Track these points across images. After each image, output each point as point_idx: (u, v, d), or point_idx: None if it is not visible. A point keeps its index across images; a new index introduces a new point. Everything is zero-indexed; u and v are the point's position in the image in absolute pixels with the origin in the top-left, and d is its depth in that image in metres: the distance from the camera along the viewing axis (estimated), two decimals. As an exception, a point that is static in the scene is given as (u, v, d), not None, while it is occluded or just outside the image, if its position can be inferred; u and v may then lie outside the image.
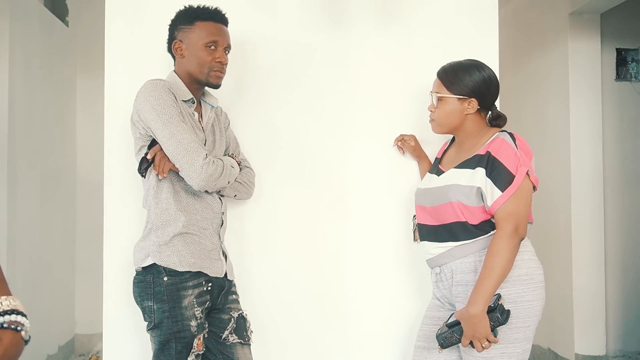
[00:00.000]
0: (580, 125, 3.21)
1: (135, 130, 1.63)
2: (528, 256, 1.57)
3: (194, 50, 1.64)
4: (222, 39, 1.66)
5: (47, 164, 3.20)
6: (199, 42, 1.63)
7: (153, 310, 1.57)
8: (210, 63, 1.64)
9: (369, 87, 2.03)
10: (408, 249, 1.99)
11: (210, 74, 1.65)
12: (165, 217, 1.61)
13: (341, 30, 2.03)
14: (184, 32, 1.65)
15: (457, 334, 1.52)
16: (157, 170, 1.58)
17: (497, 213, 1.52)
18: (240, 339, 1.69)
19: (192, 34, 1.64)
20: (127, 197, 1.91)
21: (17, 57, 2.79)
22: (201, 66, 1.64)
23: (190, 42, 1.64)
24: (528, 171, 1.52)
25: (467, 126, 1.66)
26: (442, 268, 1.64)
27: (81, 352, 3.65)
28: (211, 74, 1.65)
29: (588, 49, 3.23)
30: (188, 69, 1.66)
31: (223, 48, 1.66)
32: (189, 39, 1.64)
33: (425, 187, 1.72)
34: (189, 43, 1.64)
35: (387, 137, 2.01)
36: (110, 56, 1.95)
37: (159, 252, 1.58)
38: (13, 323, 0.90)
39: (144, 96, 1.56)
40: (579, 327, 3.16)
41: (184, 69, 1.67)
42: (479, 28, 2.04)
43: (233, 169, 1.68)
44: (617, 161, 3.32)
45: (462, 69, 1.64)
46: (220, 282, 1.68)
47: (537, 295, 1.54)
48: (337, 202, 2.01)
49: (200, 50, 1.63)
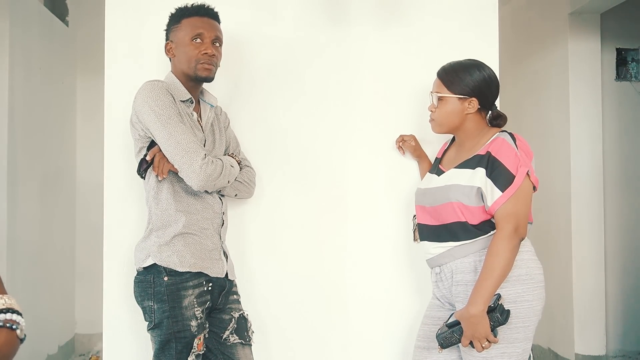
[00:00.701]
0: (580, 125, 3.21)
1: (134, 132, 1.63)
2: (528, 256, 1.57)
3: (182, 47, 1.64)
4: (207, 31, 1.64)
5: (47, 164, 3.20)
6: (185, 38, 1.64)
7: (153, 310, 1.57)
8: (197, 56, 1.63)
9: (369, 87, 2.03)
10: (408, 249, 1.99)
11: (197, 67, 1.63)
12: (166, 218, 1.61)
13: (341, 30, 2.03)
14: (173, 32, 1.67)
15: (457, 334, 1.52)
16: (157, 172, 1.59)
17: (497, 213, 1.52)
18: (241, 339, 1.69)
19: (180, 31, 1.65)
20: (127, 197, 1.91)
21: (17, 57, 2.79)
22: (189, 61, 1.63)
23: (178, 40, 1.65)
24: (528, 171, 1.52)
25: (468, 126, 1.66)
26: (442, 268, 1.64)
27: (81, 352, 3.65)
28: (198, 66, 1.63)
29: (588, 49, 3.23)
30: (180, 67, 1.66)
31: (211, 40, 1.65)
32: (177, 37, 1.66)
33: (425, 187, 1.72)
34: (177, 41, 1.65)
35: (387, 137, 2.01)
36: (110, 56, 1.95)
37: (159, 252, 1.58)
38: (8, 322, 0.90)
39: (142, 97, 1.56)
40: (579, 327, 3.16)
41: (178, 69, 1.68)
42: (479, 28, 2.04)
43: (233, 169, 1.68)
44: (617, 161, 3.32)
45: (463, 68, 1.64)
46: (221, 282, 1.68)
47: (537, 295, 1.54)
48: (338, 201, 2.01)
49: (186, 45, 1.63)
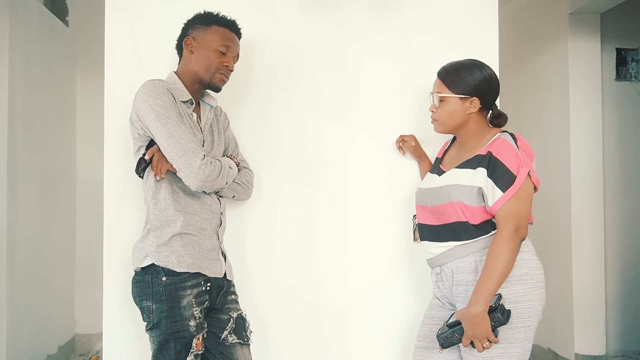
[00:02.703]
0: (580, 125, 3.21)
1: (134, 131, 1.63)
2: (528, 256, 1.57)
3: (205, 50, 1.66)
4: (233, 47, 1.71)
5: (47, 164, 3.20)
6: (212, 44, 1.66)
7: (152, 310, 1.57)
8: (218, 65, 1.67)
9: (368, 87, 2.03)
10: (408, 249, 1.99)
11: (215, 75, 1.67)
12: (164, 218, 1.61)
13: (341, 30, 2.03)
14: (199, 31, 1.68)
15: (458, 334, 1.52)
16: (155, 171, 1.59)
17: (498, 213, 1.52)
18: (239, 339, 1.69)
19: (208, 35, 1.67)
20: (127, 197, 1.91)
21: (17, 57, 2.79)
22: (208, 66, 1.66)
23: (203, 41, 1.67)
24: (529, 172, 1.52)
25: (470, 126, 1.66)
26: (443, 268, 1.64)
27: (81, 352, 3.65)
28: (216, 75, 1.67)
29: (588, 49, 3.23)
30: (194, 67, 1.67)
31: (233, 56, 1.71)
32: (203, 38, 1.67)
33: (426, 187, 1.72)
34: (202, 42, 1.67)
35: (387, 137, 2.01)
36: (110, 56, 1.95)
37: (157, 253, 1.58)
38: None
39: (143, 96, 1.56)
40: (579, 327, 3.16)
41: (189, 67, 1.68)
42: (479, 28, 2.04)
43: (231, 170, 1.68)
44: (617, 161, 3.32)
45: (463, 68, 1.64)
46: (220, 282, 1.68)
47: (537, 295, 1.54)
48: (337, 202, 2.01)
49: (211, 51, 1.66)
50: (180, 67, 1.71)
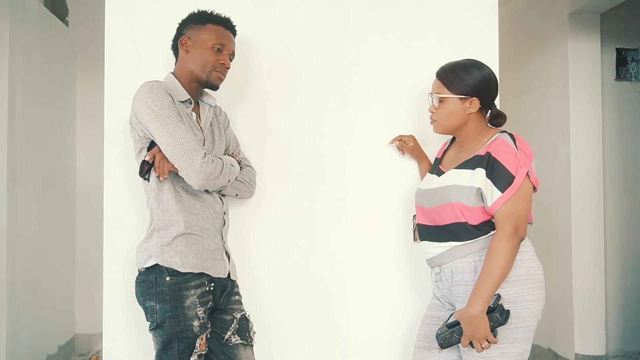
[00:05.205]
0: (580, 125, 3.21)
1: (134, 133, 1.63)
2: (528, 256, 1.57)
3: (201, 49, 1.66)
4: (229, 44, 1.70)
5: (47, 164, 3.20)
6: (207, 42, 1.66)
7: (155, 310, 1.57)
8: (214, 63, 1.67)
9: (368, 87, 2.03)
10: (408, 249, 1.99)
11: (212, 73, 1.67)
12: (167, 218, 1.61)
13: (341, 30, 2.03)
14: (193, 30, 1.68)
15: (457, 334, 1.52)
16: (157, 172, 1.58)
17: (496, 214, 1.52)
18: (242, 339, 1.69)
19: (203, 33, 1.67)
20: (127, 197, 1.91)
21: (17, 57, 2.79)
22: (205, 65, 1.66)
23: (198, 40, 1.67)
24: (528, 172, 1.52)
25: (469, 126, 1.66)
26: (442, 268, 1.64)
27: (81, 352, 3.65)
28: (213, 73, 1.67)
29: (588, 49, 3.23)
30: (190, 66, 1.67)
31: (228, 53, 1.70)
32: (198, 37, 1.67)
33: (425, 188, 1.72)
34: (197, 41, 1.67)
35: (387, 137, 2.00)
36: (110, 56, 1.95)
37: (161, 253, 1.59)
38: None
39: (141, 98, 1.57)
40: (579, 327, 3.16)
41: (186, 67, 1.68)
42: (479, 28, 2.04)
43: (233, 168, 1.68)
44: (617, 161, 3.32)
45: (462, 68, 1.64)
46: (223, 282, 1.68)
47: (537, 295, 1.54)
48: (338, 201, 2.01)
49: (207, 49, 1.66)
50: (177, 67, 1.71)
